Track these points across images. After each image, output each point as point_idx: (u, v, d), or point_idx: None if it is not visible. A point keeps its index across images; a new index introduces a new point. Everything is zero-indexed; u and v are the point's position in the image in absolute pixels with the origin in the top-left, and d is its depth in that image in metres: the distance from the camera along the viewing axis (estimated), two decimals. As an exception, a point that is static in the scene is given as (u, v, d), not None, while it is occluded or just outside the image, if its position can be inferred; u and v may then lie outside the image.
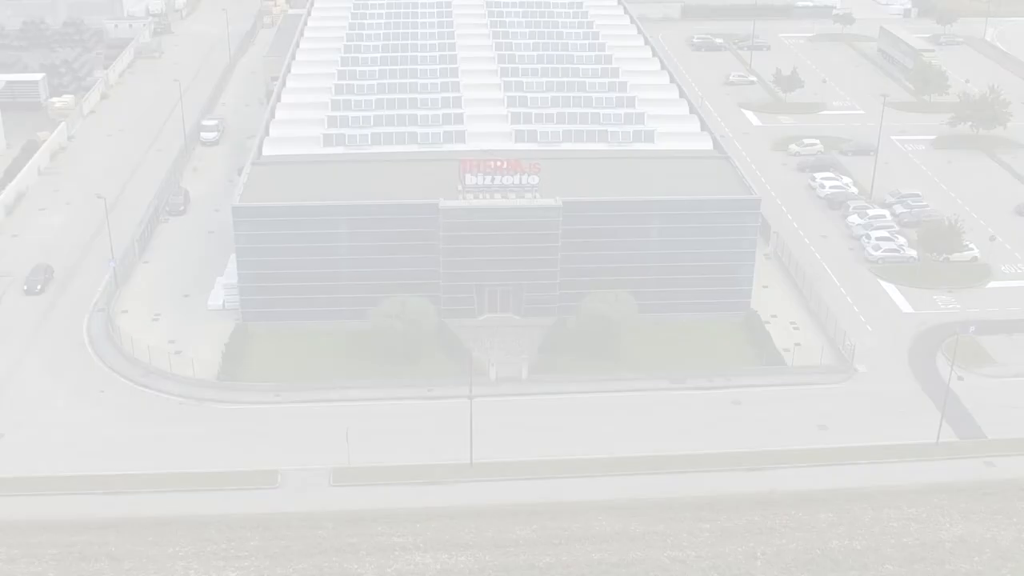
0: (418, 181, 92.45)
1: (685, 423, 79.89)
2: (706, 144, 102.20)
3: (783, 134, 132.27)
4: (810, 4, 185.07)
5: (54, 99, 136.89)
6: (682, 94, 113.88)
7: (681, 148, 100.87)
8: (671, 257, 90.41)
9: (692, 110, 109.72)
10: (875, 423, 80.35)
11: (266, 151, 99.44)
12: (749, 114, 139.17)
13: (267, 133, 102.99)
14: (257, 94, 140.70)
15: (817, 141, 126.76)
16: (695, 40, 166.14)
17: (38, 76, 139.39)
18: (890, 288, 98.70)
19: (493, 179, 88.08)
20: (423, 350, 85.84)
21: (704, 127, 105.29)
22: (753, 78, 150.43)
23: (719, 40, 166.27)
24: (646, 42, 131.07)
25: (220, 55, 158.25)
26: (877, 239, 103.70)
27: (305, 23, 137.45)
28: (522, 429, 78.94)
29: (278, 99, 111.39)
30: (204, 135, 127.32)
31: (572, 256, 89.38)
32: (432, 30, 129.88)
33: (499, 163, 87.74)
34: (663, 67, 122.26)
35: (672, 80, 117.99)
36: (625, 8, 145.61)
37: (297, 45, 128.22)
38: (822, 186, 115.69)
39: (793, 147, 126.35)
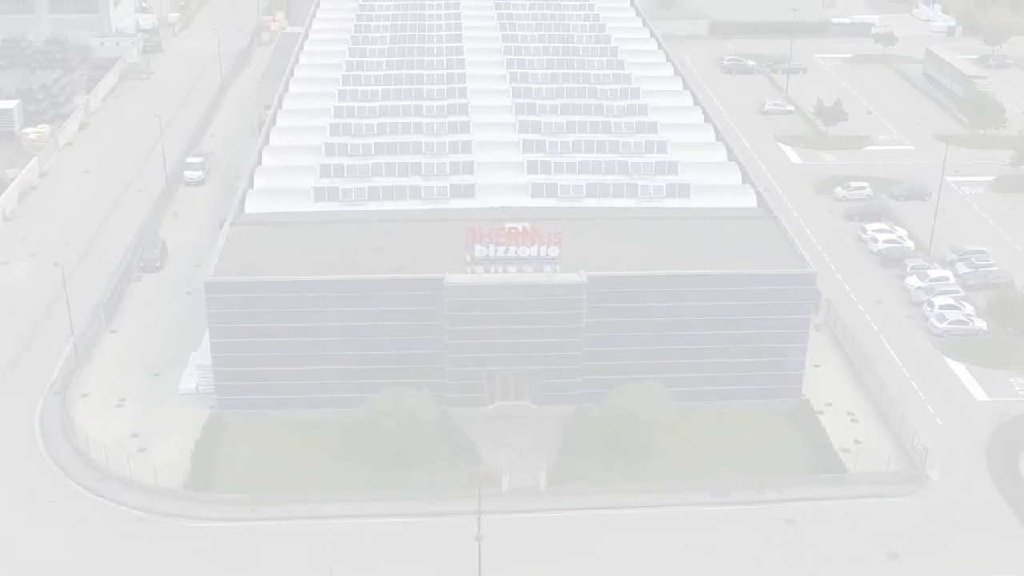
0: (421, 247, 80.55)
1: (730, 550, 67.76)
2: (749, 199, 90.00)
3: (826, 174, 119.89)
4: (847, 21, 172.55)
5: (28, 130, 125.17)
6: (719, 136, 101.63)
7: (720, 205, 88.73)
8: (711, 339, 78.39)
9: (731, 156, 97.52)
10: (955, 549, 68.16)
11: (249, 206, 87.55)
12: (787, 149, 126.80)
13: (251, 184, 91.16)
14: (250, 123, 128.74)
15: (866, 185, 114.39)
16: (725, 62, 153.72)
17: (12, 104, 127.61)
18: (959, 368, 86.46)
19: (507, 250, 76.08)
20: (424, 452, 73.96)
21: (746, 178, 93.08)
22: (790, 107, 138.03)
23: (751, 62, 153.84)
24: (675, 71, 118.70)
25: (212, 75, 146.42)
26: (941, 308, 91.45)
27: (302, 46, 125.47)
28: (540, 552, 67.08)
29: (266, 141, 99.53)
30: (188, 174, 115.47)
31: (597, 338, 77.42)
32: (440, 57, 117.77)
33: (514, 233, 75.70)
34: (695, 102, 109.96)
35: (707, 119, 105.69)
36: (651, 30, 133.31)
37: (291, 73, 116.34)
38: (874, 239, 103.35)
39: (839, 191, 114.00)
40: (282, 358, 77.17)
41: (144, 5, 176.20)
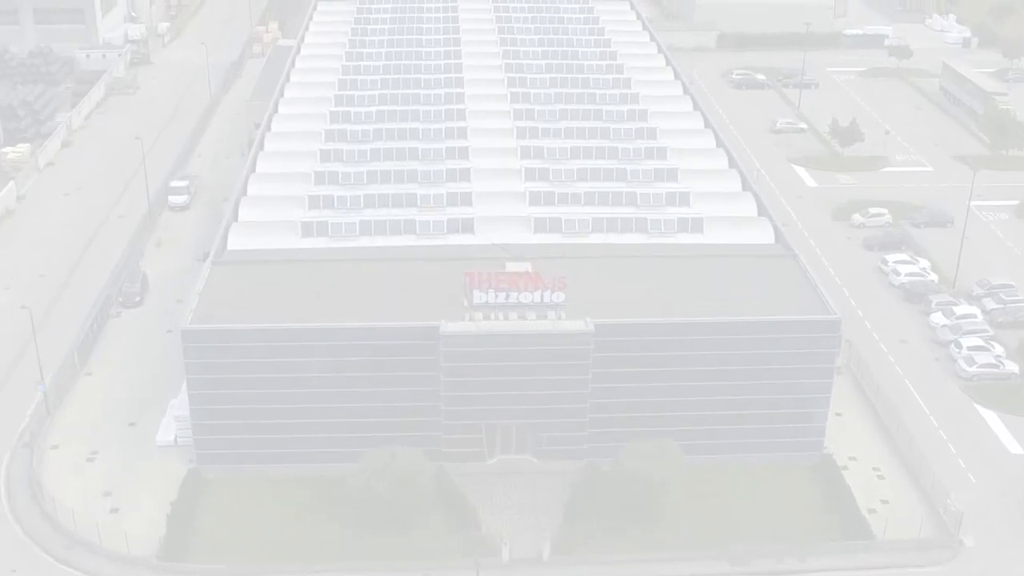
0: (415, 289, 74.95)
1: (752, 628, 62.41)
2: (766, 234, 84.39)
3: (843, 198, 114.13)
4: (859, 32, 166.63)
5: (7, 149, 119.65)
6: (731, 162, 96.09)
7: (736, 241, 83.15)
8: (728, 390, 72.78)
9: (745, 185, 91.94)
10: (995, 628, 62.85)
11: (232, 242, 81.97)
12: (801, 171, 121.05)
13: (235, 216, 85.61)
14: (239, 142, 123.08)
15: (885, 211, 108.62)
16: (735, 76, 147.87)
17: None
18: (990, 416, 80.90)
19: (508, 296, 70.51)
20: (418, 516, 68.34)
21: (762, 210, 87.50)
22: (803, 125, 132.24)
23: (761, 76, 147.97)
24: (685, 91, 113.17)
25: (202, 89, 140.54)
26: (969, 349, 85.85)
27: (293, 63, 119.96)
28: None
29: (252, 168, 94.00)
30: (172, 199, 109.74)
31: (604, 389, 71.83)
32: (437, 76, 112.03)
33: (515, 278, 70.10)
34: (706, 124, 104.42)
35: (719, 143, 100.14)
36: (658, 45, 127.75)
37: (281, 93, 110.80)
38: (896, 272, 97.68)
39: (857, 218, 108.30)
40: (266, 411, 71.64)
41: (134, 15, 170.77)
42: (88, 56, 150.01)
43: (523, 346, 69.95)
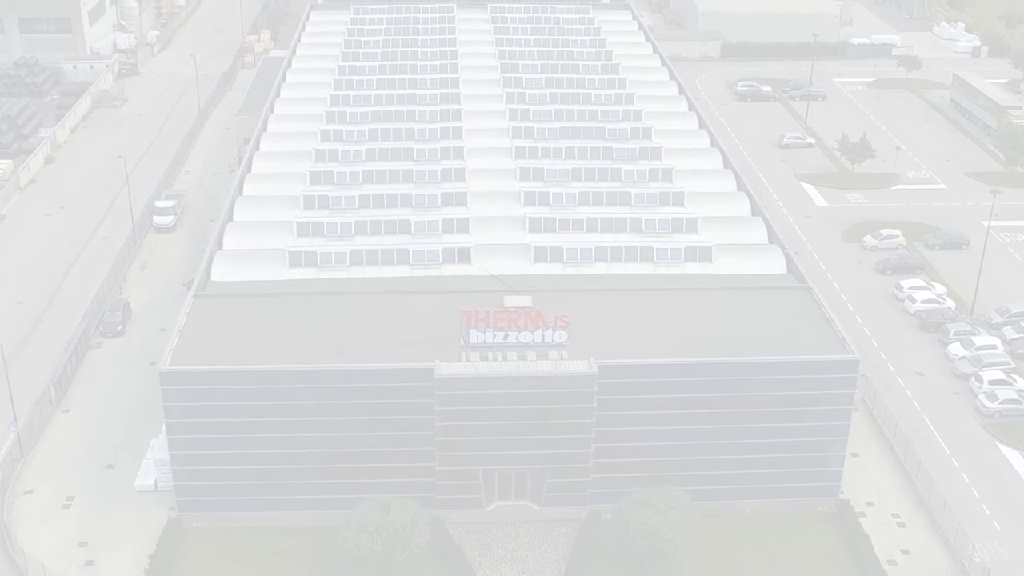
0: (408, 325, 70.79)
1: None
2: (777, 263, 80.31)
3: (854, 218, 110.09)
4: (866, 41, 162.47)
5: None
6: (740, 183, 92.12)
7: (746, 271, 79.09)
8: (739, 433, 68.68)
9: (755, 209, 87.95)
10: None
11: (216, 272, 77.88)
12: (810, 189, 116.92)
13: (220, 244, 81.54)
14: (228, 158, 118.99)
15: (898, 233, 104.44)
16: (739, 88, 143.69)
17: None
18: (1014, 457, 76.84)
19: (506, 336, 66.46)
20: (412, 572, 64.25)
21: (773, 237, 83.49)
22: (811, 140, 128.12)
23: (767, 88, 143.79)
24: (690, 107, 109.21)
25: (191, 101, 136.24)
26: (990, 384, 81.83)
27: (284, 76, 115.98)
28: None
29: (239, 190, 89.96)
30: (158, 219, 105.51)
31: (610, 433, 67.77)
32: (433, 91, 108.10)
33: (515, 317, 66.02)
34: (713, 143, 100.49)
35: (726, 163, 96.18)
36: (662, 58, 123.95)
37: (271, 109, 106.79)
38: (911, 298, 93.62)
39: (869, 240, 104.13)
40: (250, 456, 67.49)
41: (123, 23, 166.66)
42: (75, 67, 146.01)
43: (523, 389, 65.87)
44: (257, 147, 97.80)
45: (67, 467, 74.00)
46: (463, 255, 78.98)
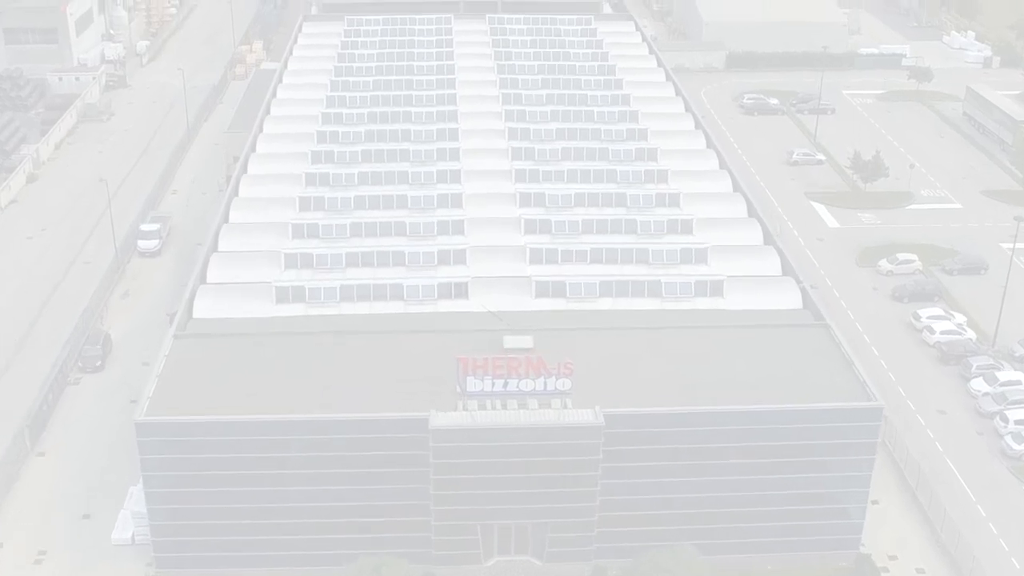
0: (401, 368, 66.45)
1: None
2: (792, 297, 76.04)
3: (867, 240, 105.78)
4: (875, 51, 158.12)
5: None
6: (751, 210, 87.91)
7: (759, 305, 74.81)
8: (754, 484, 64.45)
9: (767, 238, 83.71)
10: None
11: (199, 308, 73.58)
12: (821, 209, 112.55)
13: (203, 277, 77.26)
14: (217, 177, 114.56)
15: (914, 257, 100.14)
16: (746, 101, 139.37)
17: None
18: (1043, 503, 72.83)
19: (506, 384, 62.20)
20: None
21: (787, 268, 79.25)
22: (821, 157, 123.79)
23: (774, 101, 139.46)
24: (697, 125, 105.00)
25: (180, 115, 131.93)
26: (1017, 423, 77.61)
27: (274, 92, 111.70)
28: None
29: (225, 218, 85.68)
30: (142, 243, 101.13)
31: (616, 485, 63.51)
32: (430, 109, 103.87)
33: (515, 364, 61.75)
34: (722, 165, 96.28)
35: (736, 186, 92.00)
36: (667, 72, 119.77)
37: (260, 128, 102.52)
38: (930, 329, 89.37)
39: (885, 264, 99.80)
40: (233, 510, 63.21)
41: (112, 31, 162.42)
42: (61, 79, 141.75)
43: (524, 440, 61.62)
44: (245, 169, 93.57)
45: (40, 517, 69.68)
46: (460, 290, 74.64)
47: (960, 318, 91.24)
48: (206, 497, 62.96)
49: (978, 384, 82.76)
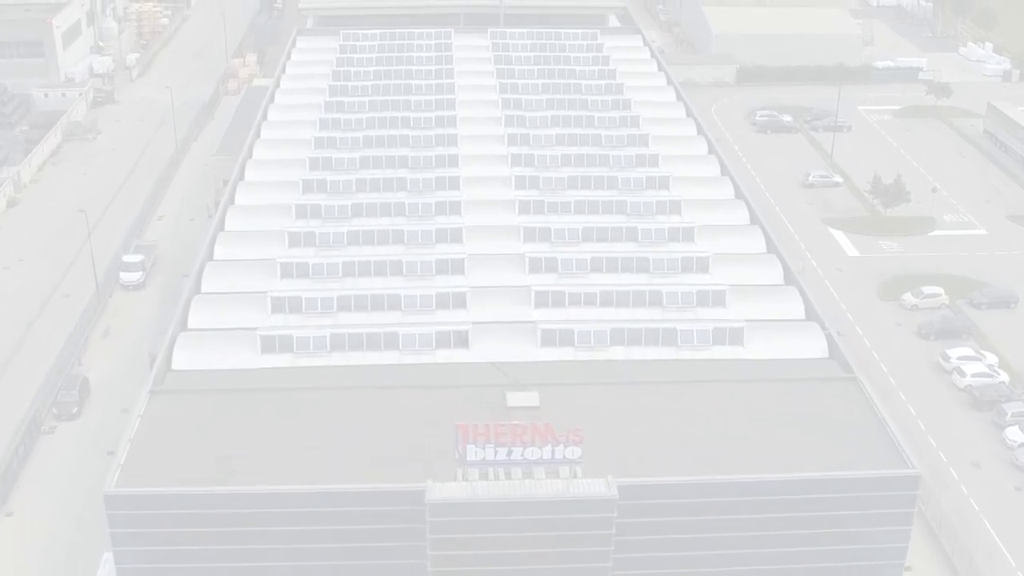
0: (395, 428, 61.22)
1: None
2: (817, 344, 70.66)
3: (888, 270, 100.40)
4: (891, 64, 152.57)
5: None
6: (770, 245, 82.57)
7: (782, 354, 69.43)
8: (779, 558, 59.21)
9: (788, 277, 78.38)
10: None
11: (178, 359, 68.22)
12: (839, 236, 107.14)
13: (184, 323, 71.91)
14: (206, 202, 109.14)
15: (940, 291, 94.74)
16: (758, 118, 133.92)
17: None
18: (1090, 569, 67.41)
19: (510, 452, 56.85)
20: None
21: (811, 313, 73.86)
22: (838, 179, 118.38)
23: (787, 118, 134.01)
24: (710, 149, 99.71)
25: (169, 133, 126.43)
26: (1058, 479, 72.42)
27: (265, 113, 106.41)
28: None
29: (210, 255, 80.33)
30: (125, 276, 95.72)
31: (630, 560, 58.19)
32: (428, 132, 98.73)
33: (519, 432, 56.38)
34: (738, 194, 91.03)
35: (753, 218, 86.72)
36: (677, 91, 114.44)
37: (250, 153, 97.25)
38: (960, 371, 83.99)
39: (909, 298, 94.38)
40: (211, 588, 58.02)
41: (101, 44, 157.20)
42: (46, 95, 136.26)
43: (530, 514, 56.31)
44: (232, 200, 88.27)
45: (8, 585, 64.55)
46: (460, 338, 69.22)
47: (991, 358, 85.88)
48: (181, 573, 57.67)
49: (1014, 434, 77.39)
